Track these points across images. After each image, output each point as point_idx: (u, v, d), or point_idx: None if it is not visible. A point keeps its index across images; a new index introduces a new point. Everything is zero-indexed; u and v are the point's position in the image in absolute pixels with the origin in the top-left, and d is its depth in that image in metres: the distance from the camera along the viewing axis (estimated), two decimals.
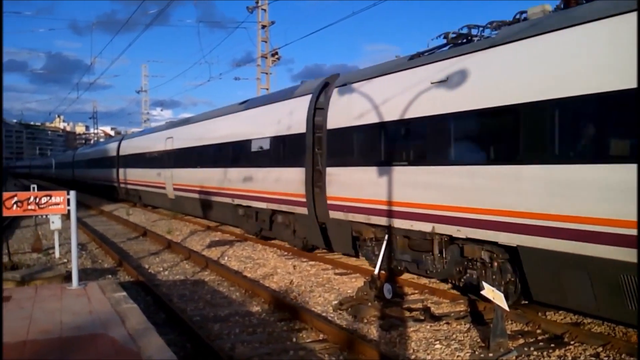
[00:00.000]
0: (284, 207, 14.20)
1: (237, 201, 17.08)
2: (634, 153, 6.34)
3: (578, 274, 6.96)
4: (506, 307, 6.99)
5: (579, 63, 7.00)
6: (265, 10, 27.50)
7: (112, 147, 35.88)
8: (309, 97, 13.25)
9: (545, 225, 7.30)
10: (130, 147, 31.40)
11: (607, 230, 6.56)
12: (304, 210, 13.12)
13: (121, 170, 32.56)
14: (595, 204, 6.70)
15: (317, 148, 12.69)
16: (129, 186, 31.03)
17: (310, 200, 12.78)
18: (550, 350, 6.91)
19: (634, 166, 6.23)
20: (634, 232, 6.22)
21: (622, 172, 6.41)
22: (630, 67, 6.26)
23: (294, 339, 7.44)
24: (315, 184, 12.69)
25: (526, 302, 8.47)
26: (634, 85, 6.24)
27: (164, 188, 24.48)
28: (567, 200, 7.01)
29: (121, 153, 32.94)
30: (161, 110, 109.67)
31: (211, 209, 19.72)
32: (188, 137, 22.00)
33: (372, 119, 10.83)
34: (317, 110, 12.83)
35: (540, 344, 7.17)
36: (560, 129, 7.20)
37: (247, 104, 17.53)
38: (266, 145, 15.23)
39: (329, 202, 12.14)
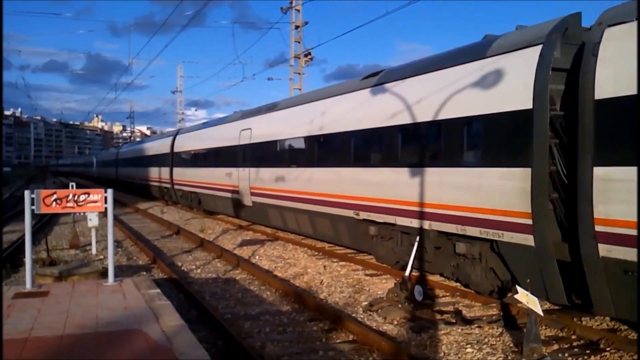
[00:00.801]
0: (470, 230, 9.14)
1: (364, 215, 12.11)
2: None
3: None
4: (540, 312, 6.86)
5: None
6: (299, 10, 27.64)
7: (165, 143, 31.48)
8: (531, 51, 8.28)
9: None
10: (188, 142, 27.06)
11: None
12: (521, 239, 8.16)
13: (176, 170, 28.24)
14: None
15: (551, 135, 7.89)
16: (186, 188, 26.82)
17: (541, 222, 7.84)
18: (586, 357, 6.76)
19: None
20: None
21: None
22: None
23: (324, 339, 7.45)
24: (550, 194, 7.84)
25: (560, 306, 8.30)
26: None
27: (235, 192, 19.86)
28: None
29: (176, 150, 28.58)
30: (195, 110, 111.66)
31: (315, 223, 14.66)
32: (276, 127, 17.05)
33: None
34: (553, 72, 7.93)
35: (575, 350, 7.02)
36: None
37: (382, 77, 12.24)
38: (429, 134, 10.36)
39: (600, 229, 6.92)
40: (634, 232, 6.57)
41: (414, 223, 10.47)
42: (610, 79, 6.98)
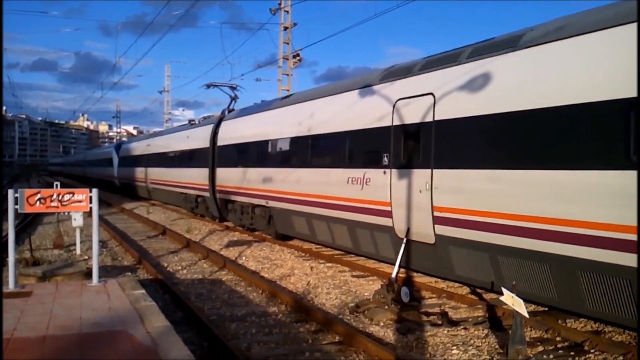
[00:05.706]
0: None
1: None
2: None
3: None
4: (525, 314, 6.89)
5: None
6: (287, 12, 27.62)
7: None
8: None
9: None
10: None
11: None
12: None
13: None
14: None
15: None
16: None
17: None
18: (570, 359, 6.81)
19: None
20: None
21: None
22: None
23: (310, 341, 7.44)
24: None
25: (546, 308, 8.35)
26: None
27: None
28: None
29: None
30: (183, 110, 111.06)
31: None
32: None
33: None
34: None
35: (560, 351, 7.07)
36: None
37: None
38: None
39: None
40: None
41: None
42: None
